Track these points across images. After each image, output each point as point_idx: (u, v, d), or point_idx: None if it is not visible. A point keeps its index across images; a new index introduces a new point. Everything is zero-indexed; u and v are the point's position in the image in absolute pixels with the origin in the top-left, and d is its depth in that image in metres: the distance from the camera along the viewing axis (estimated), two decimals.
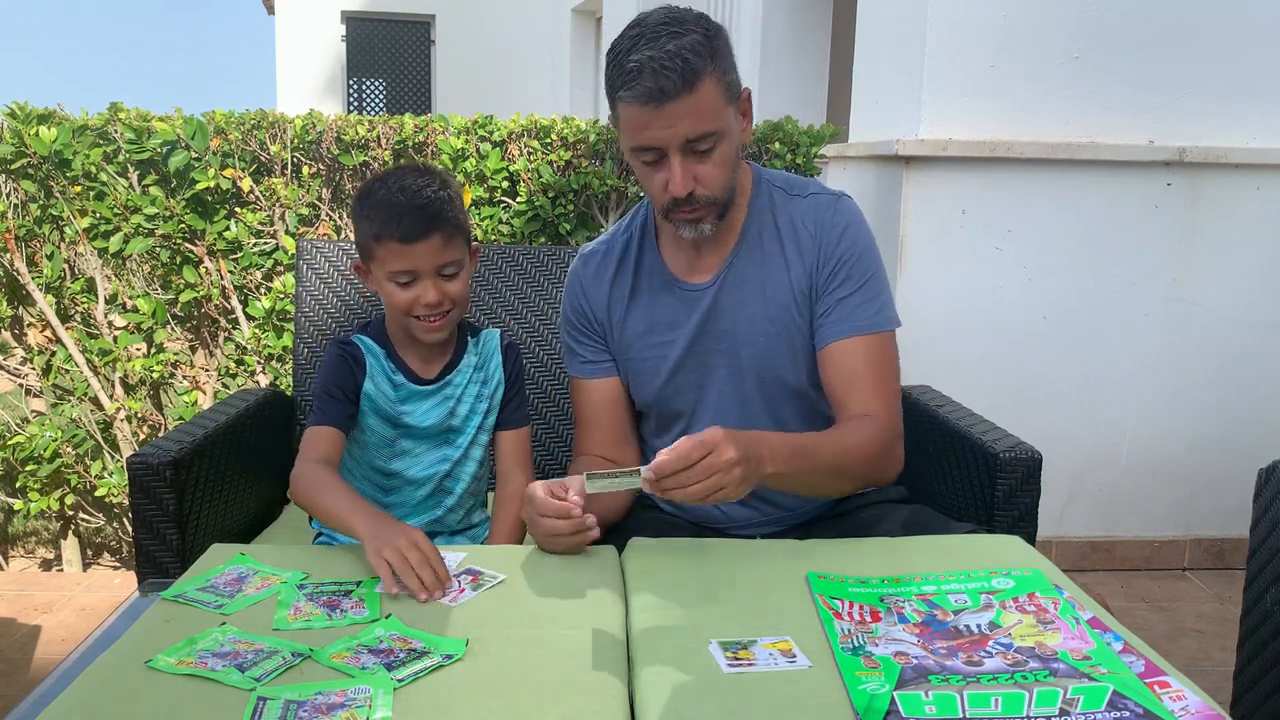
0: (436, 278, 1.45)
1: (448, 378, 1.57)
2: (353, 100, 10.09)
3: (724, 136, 1.37)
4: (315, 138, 2.77)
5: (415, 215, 1.42)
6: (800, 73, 4.63)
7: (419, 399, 1.55)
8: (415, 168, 1.51)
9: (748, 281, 1.51)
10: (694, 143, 1.35)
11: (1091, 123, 2.87)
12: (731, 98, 1.38)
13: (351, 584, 1.19)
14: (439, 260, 1.44)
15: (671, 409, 1.57)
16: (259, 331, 2.85)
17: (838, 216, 1.50)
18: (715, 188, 1.40)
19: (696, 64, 1.31)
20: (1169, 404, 3.00)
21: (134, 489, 1.55)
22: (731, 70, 1.38)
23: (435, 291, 1.45)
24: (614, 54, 1.35)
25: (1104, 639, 1.04)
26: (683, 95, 1.31)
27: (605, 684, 0.99)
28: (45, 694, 0.96)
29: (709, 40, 1.34)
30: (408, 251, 1.43)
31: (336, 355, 1.52)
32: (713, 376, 1.54)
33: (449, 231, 1.45)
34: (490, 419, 1.61)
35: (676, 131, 1.34)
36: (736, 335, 1.51)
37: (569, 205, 2.77)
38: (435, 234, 1.43)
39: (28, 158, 2.72)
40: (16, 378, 2.98)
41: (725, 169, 1.40)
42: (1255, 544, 1.58)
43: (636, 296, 1.56)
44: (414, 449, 1.57)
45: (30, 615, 2.66)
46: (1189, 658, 2.49)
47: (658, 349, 1.55)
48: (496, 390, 1.60)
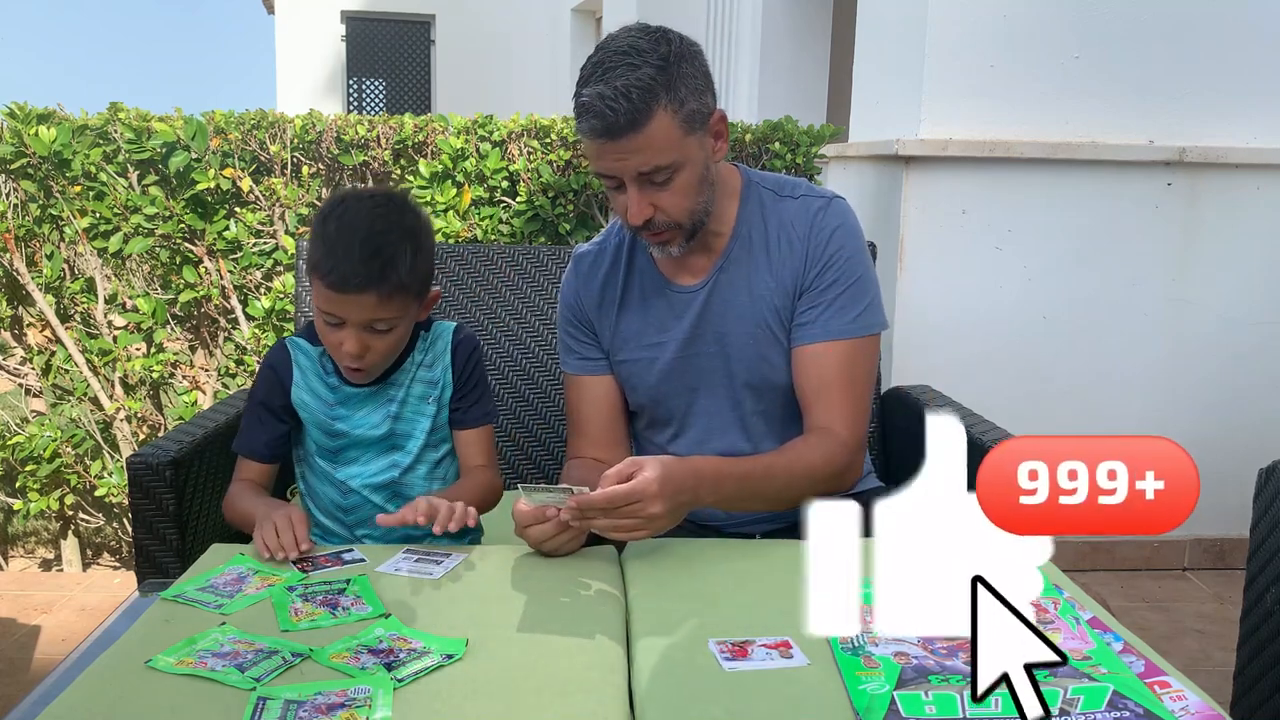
0: (362, 330, 1.33)
1: (391, 377, 1.45)
2: (352, 100, 10.09)
3: (682, 167, 1.37)
4: (315, 137, 2.77)
5: (352, 266, 1.29)
6: (800, 73, 4.63)
7: (357, 402, 1.44)
8: (385, 200, 1.38)
9: (738, 284, 1.51)
10: (647, 175, 1.35)
11: (1091, 123, 2.87)
12: (692, 127, 1.36)
13: (342, 583, 1.19)
14: (367, 316, 1.32)
15: (664, 409, 1.58)
16: (259, 331, 2.84)
17: (827, 218, 1.50)
18: (677, 214, 1.40)
19: (645, 101, 1.31)
20: (1169, 404, 3.00)
21: (134, 489, 1.55)
22: (693, 98, 1.35)
23: (355, 343, 1.33)
24: (579, 79, 1.36)
25: (1104, 639, 1.04)
26: (628, 134, 1.32)
27: (605, 684, 0.98)
28: (45, 694, 0.96)
29: (664, 72, 1.32)
30: (335, 299, 1.31)
31: (263, 369, 1.46)
32: (704, 378, 1.54)
33: (387, 292, 1.31)
34: (441, 419, 1.49)
35: (628, 165, 1.35)
36: (727, 337, 1.51)
37: (569, 205, 2.77)
38: (370, 292, 1.30)
39: (27, 158, 2.72)
40: (16, 378, 2.98)
41: (686, 196, 1.39)
42: (1255, 544, 1.58)
43: (628, 298, 1.56)
44: (361, 456, 1.46)
45: (30, 615, 2.66)
46: (1189, 658, 2.49)
47: (650, 350, 1.55)
48: (444, 391, 1.48)
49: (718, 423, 1.56)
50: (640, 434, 1.65)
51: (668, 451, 1.59)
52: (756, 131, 2.80)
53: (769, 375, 1.52)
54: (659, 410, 1.58)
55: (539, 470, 2.09)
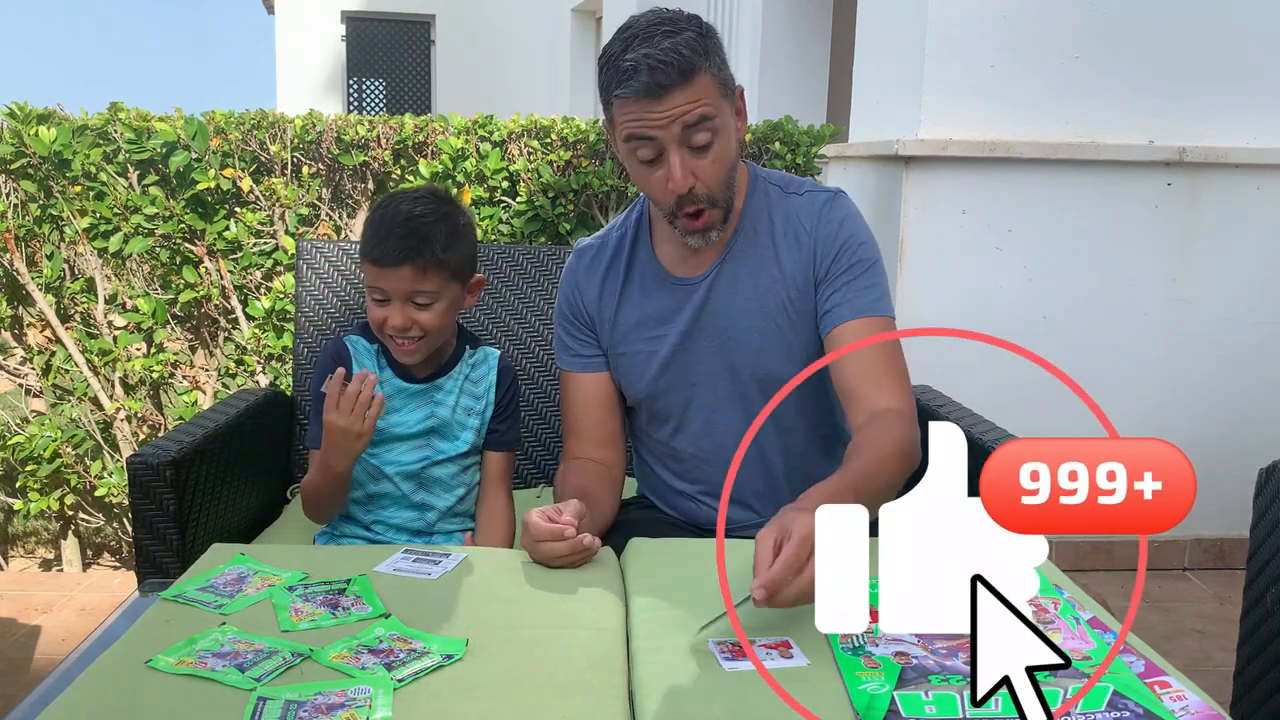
0: (406, 304, 1.48)
1: (437, 381, 1.58)
2: (353, 100, 10.09)
3: (720, 131, 1.38)
4: (315, 138, 2.77)
5: (394, 242, 1.45)
6: (800, 73, 4.63)
7: (404, 398, 1.57)
8: (429, 193, 1.54)
9: (741, 277, 1.51)
10: (692, 131, 1.35)
11: (1091, 123, 2.87)
12: (726, 94, 1.39)
13: (342, 583, 1.19)
14: (409, 288, 1.47)
15: (663, 404, 1.57)
16: (259, 331, 2.84)
17: (834, 210, 1.50)
18: (713, 184, 1.40)
19: (692, 58, 1.33)
20: (1169, 404, 3.00)
21: (134, 489, 1.55)
22: (724, 68, 1.39)
23: (401, 316, 1.48)
24: (607, 57, 1.36)
25: (1104, 639, 1.04)
26: (679, 86, 1.33)
27: (605, 684, 0.98)
28: (45, 694, 0.96)
29: (702, 38, 1.35)
30: (380, 274, 1.47)
31: (323, 362, 1.56)
32: (704, 371, 1.53)
33: (425, 264, 1.46)
34: (480, 437, 1.62)
35: (674, 120, 1.34)
36: (728, 330, 1.51)
37: (569, 205, 2.77)
38: (407, 265, 1.45)
39: (28, 158, 2.72)
40: (16, 378, 2.98)
41: (723, 166, 1.40)
42: (1255, 544, 1.58)
43: (629, 291, 1.56)
44: (397, 446, 1.58)
45: (30, 615, 2.66)
46: (1189, 658, 2.49)
47: (649, 343, 1.55)
48: (487, 410, 1.61)
49: (720, 416, 1.55)
50: (641, 430, 1.65)
51: (670, 446, 1.59)
52: (756, 131, 2.80)
53: (771, 369, 1.51)
54: (658, 404, 1.57)
55: (539, 470, 2.09)
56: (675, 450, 1.59)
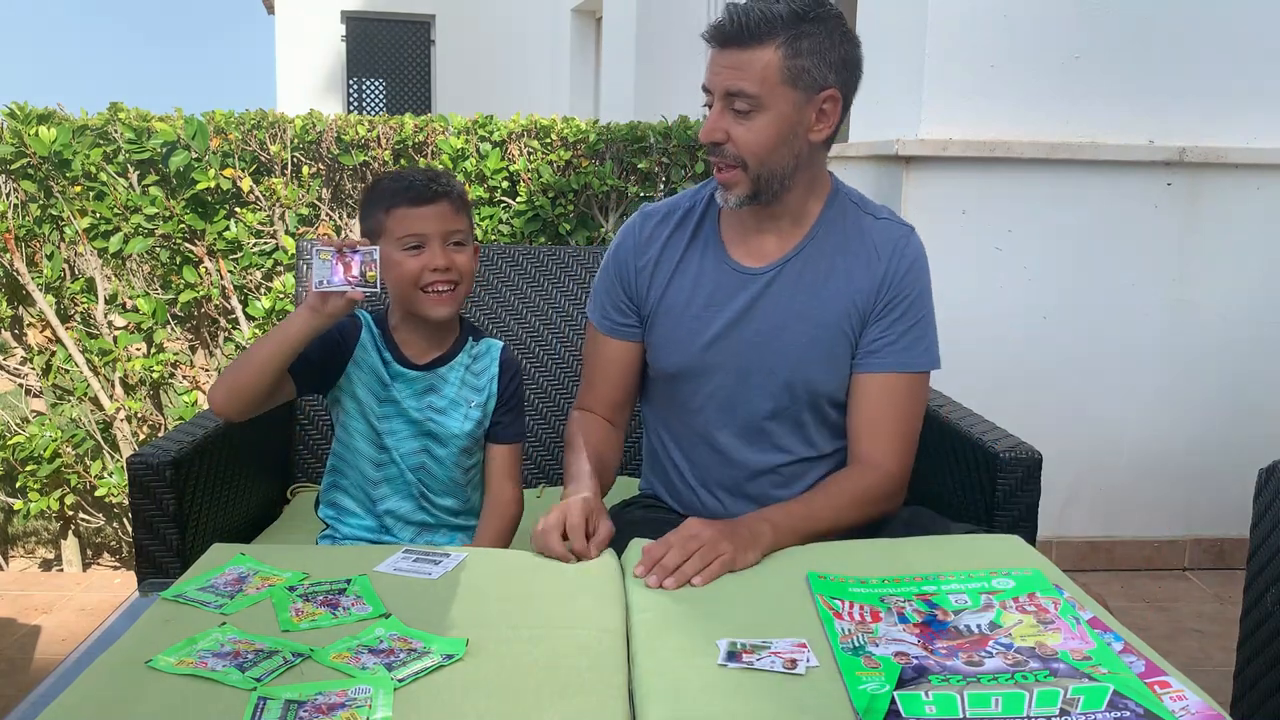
0: (445, 244, 1.49)
1: (437, 369, 1.57)
2: (353, 100, 10.09)
3: (765, 108, 1.38)
4: (315, 138, 2.77)
5: (425, 184, 1.50)
6: None
7: (403, 382, 1.55)
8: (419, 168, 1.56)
9: (805, 280, 1.50)
10: (733, 97, 1.38)
11: (1091, 123, 2.87)
12: (796, 83, 1.38)
13: (342, 582, 1.19)
14: (447, 226, 1.50)
15: (689, 383, 1.55)
16: (259, 331, 2.84)
17: (909, 249, 1.52)
18: (744, 150, 1.41)
19: (761, 27, 1.35)
20: (1169, 404, 3.00)
21: (134, 489, 1.55)
22: (811, 61, 1.37)
23: (444, 255, 1.49)
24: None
25: (1104, 639, 1.04)
26: (734, 47, 1.36)
27: (605, 684, 0.99)
28: (45, 694, 0.96)
29: (795, 19, 1.36)
30: (417, 215, 1.48)
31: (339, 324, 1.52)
32: (741, 363, 1.52)
33: (457, 203, 1.51)
34: (481, 429, 1.60)
35: (720, 79, 1.38)
36: (779, 329, 1.50)
37: (569, 205, 2.77)
38: (444, 200, 1.49)
39: (28, 158, 2.72)
40: (16, 378, 2.98)
41: (761, 138, 1.40)
42: (1255, 544, 1.58)
43: (685, 264, 1.55)
44: (403, 429, 1.55)
45: (30, 615, 2.66)
46: (1189, 658, 2.49)
47: (695, 321, 1.53)
48: (489, 402, 1.60)
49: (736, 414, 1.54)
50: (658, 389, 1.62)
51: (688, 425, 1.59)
52: None
53: (810, 376, 1.51)
54: (684, 385, 1.56)
55: (539, 470, 2.09)
56: (686, 425, 1.59)
